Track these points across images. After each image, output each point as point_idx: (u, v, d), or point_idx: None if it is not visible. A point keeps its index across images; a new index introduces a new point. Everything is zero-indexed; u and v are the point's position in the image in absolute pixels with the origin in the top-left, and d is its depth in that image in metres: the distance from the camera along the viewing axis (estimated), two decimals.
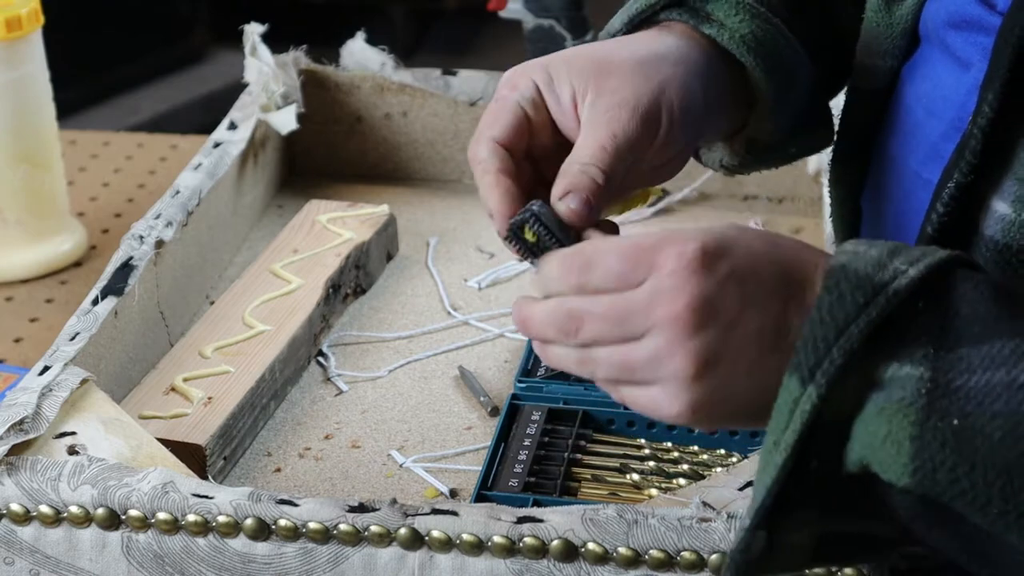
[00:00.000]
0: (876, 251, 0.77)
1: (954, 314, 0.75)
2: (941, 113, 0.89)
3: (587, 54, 0.92)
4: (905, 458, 0.74)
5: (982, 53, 0.86)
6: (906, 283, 0.75)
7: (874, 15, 0.96)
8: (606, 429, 1.12)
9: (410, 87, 1.52)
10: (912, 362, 0.74)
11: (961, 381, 0.74)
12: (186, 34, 3.61)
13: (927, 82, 0.92)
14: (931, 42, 0.92)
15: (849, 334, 0.74)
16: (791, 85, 0.98)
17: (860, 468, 0.76)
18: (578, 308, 0.80)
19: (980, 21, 0.87)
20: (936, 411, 0.73)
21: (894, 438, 0.74)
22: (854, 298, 0.75)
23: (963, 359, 0.74)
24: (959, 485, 0.73)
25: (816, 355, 0.75)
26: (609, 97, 0.89)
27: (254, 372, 1.16)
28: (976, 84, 0.85)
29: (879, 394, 0.75)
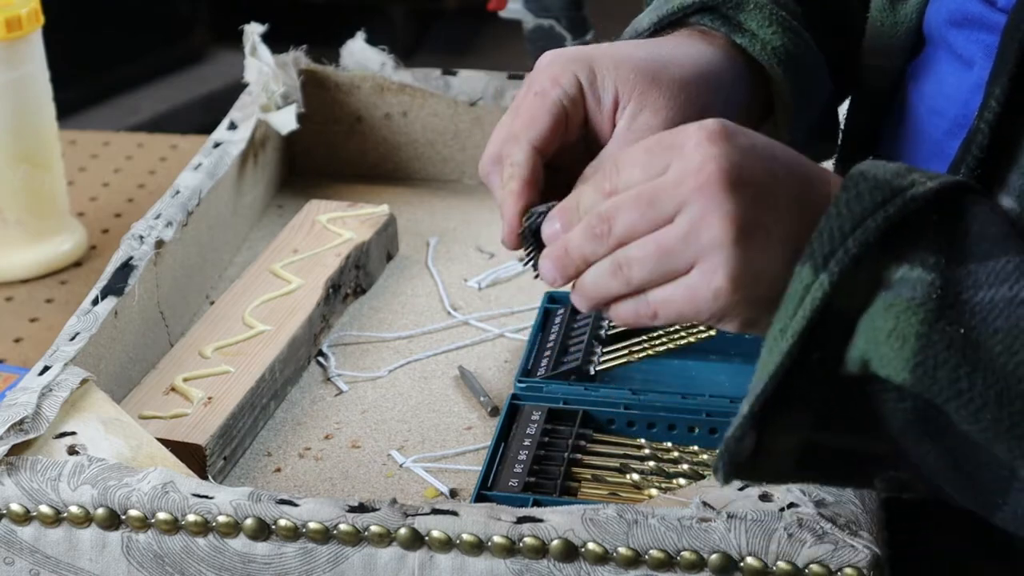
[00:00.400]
0: (895, 165, 0.78)
1: (965, 230, 0.76)
2: (944, 111, 0.89)
3: (634, 58, 0.91)
4: (908, 353, 0.75)
5: (985, 51, 0.86)
6: (923, 191, 0.76)
7: (879, 15, 0.96)
8: (606, 429, 1.12)
9: (410, 87, 1.52)
10: (923, 266, 0.75)
11: (967, 295, 0.75)
12: (186, 34, 3.61)
13: (930, 81, 0.92)
14: (934, 41, 0.92)
15: (865, 227, 0.75)
16: (813, 100, 0.98)
17: (860, 367, 0.76)
18: (609, 207, 0.81)
19: (982, 19, 0.87)
20: (943, 317, 0.75)
21: (899, 333, 0.75)
22: (872, 196, 0.76)
23: (971, 274, 0.75)
24: (957, 385, 0.75)
25: (831, 244, 0.76)
26: (651, 116, 0.90)
27: (254, 372, 1.16)
28: (979, 82, 0.85)
29: (888, 292, 0.76)
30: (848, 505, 0.90)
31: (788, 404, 0.77)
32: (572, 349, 1.20)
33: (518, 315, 1.31)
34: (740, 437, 0.78)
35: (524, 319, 1.30)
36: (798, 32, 0.96)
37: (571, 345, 1.20)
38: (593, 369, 1.18)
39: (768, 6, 0.96)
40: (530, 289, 1.35)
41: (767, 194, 0.79)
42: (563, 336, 1.21)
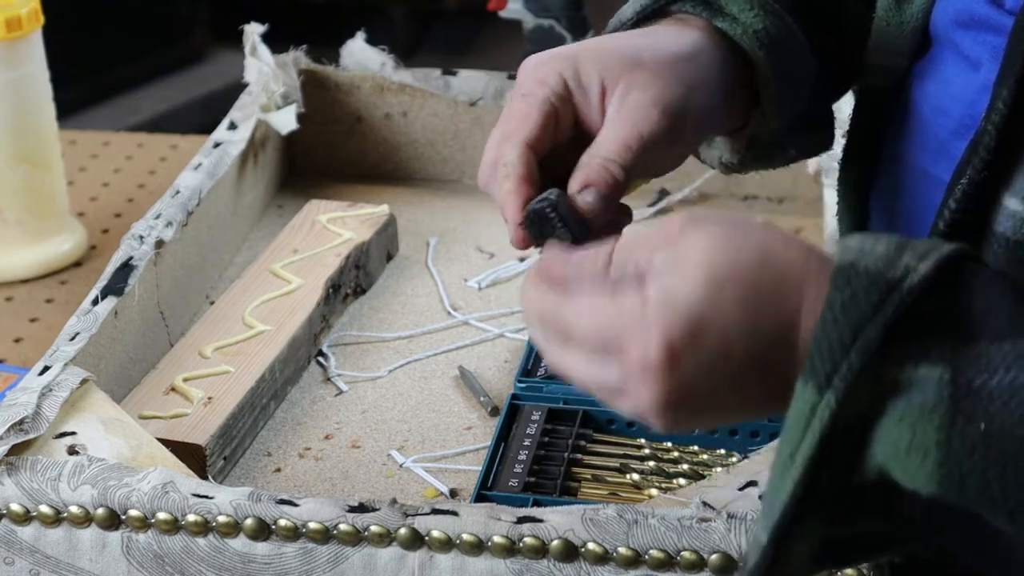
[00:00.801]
0: (883, 247, 0.74)
1: (968, 309, 0.73)
2: (950, 111, 0.89)
3: (615, 48, 0.90)
4: (931, 466, 0.71)
5: (991, 52, 0.86)
6: (918, 280, 0.72)
7: (885, 14, 0.96)
8: (606, 429, 1.12)
9: (410, 87, 1.52)
10: (930, 361, 0.71)
11: (982, 381, 0.71)
12: (186, 34, 3.61)
13: (936, 82, 0.92)
14: (940, 42, 0.92)
15: (866, 335, 0.71)
16: (797, 85, 0.97)
17: (879, 475, 0.73)
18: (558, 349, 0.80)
19: (989, 20, 0.87)
20: (961, 413, 0.71)
21: (919, 446, 0.71)
22: (868, 297, 0.72)
23: (983, 356, 0.71)
24: (988, 492, 0.71)
25: (832, 359, 0.72)
26: (640, 93, 0.88)
27: (254, 372, 1.16)
28: (985, 83, 0.85)
29: (898, 398, 0.72)
30: None
31: (802, 520, 0.74)
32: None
33: (518, 315, 1.31)
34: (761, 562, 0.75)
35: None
36: (780, 16, 0.95)
37: None
38: None
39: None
40: None
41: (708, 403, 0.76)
42: None
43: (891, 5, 0.95)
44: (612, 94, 0.89)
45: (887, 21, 0.96)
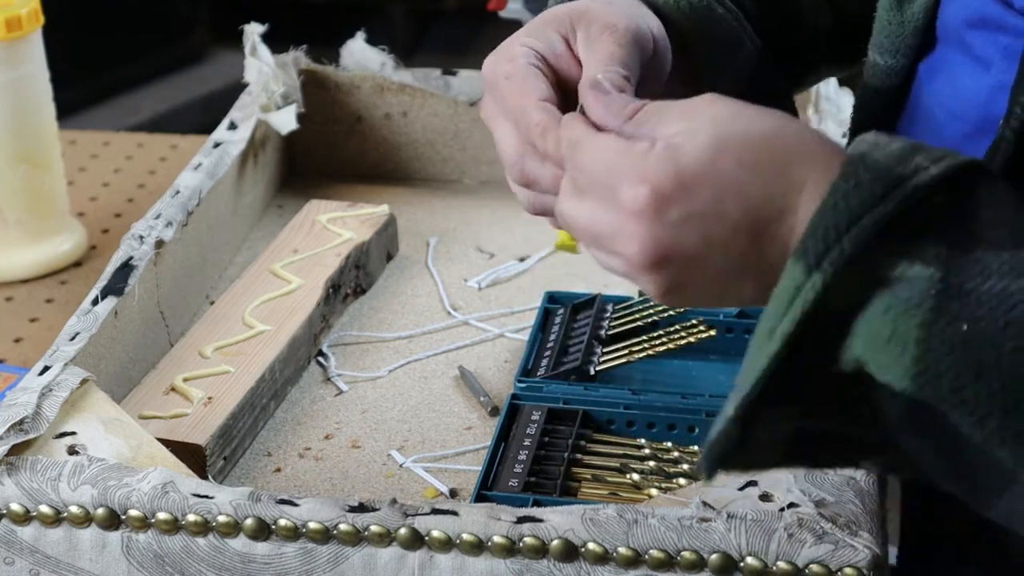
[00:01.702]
0: (898, 145, 0.74)
1: (973, 216, 0.72)
2: (963, 114, 0.89)
3: (559, 10, 0.91)
4: (908, 361, 0.71)
5: (1002, 52, 0.86)
6: (927, 179, 0.72)
7: (885, 13, 0.96)
8: (606, 429, 1.12)
9: (410, 87, 1.52)
10: (924, 260, 0.72)
11: (973, 284, 0.71)
12: (186, 34, 3.62)
13: (947, 83, 0.91)
14: (949, 42, 0.92)
15: (862, 224, 0.72)
16: (730, 55, 0.98)
17: (855, 367, 0.73)
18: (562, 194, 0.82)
19: (999, 21, 0.87)
20: (945, 313, 0.71)
21: (899, 339, 0.71)
22: (872, 189, 0.72)
23: (979, 262, 0.71)
24: (961, 394, 0.71)
25: (826, 242, 0.72)
26: (598, 23, 0.89)
27: (254, 372, 1.16)
28: (997, 84, 0.85)
29: (886, 292, 0.72)
30: (848, 505, 0.91)
31: (775, 402, 0.74)
32: (572, 349, 1.20)
33: (518, 315, 1.31)
34: (724, 438, 0.75)
35: (524, 319, 1.30)
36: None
37: (571, 345, 1.20)
38: (593, 369, 1.18)
39: None
40: (530, 289, 1.35)
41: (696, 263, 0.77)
42: (563, 336, 1.21)
43: (892, 5, 0.95)
44: (575, 38, 0.89)
45: (888, 20, 0.96)
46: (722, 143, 0.76)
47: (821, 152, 0.76)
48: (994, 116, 0.84)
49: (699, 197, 0.76)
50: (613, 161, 0.78)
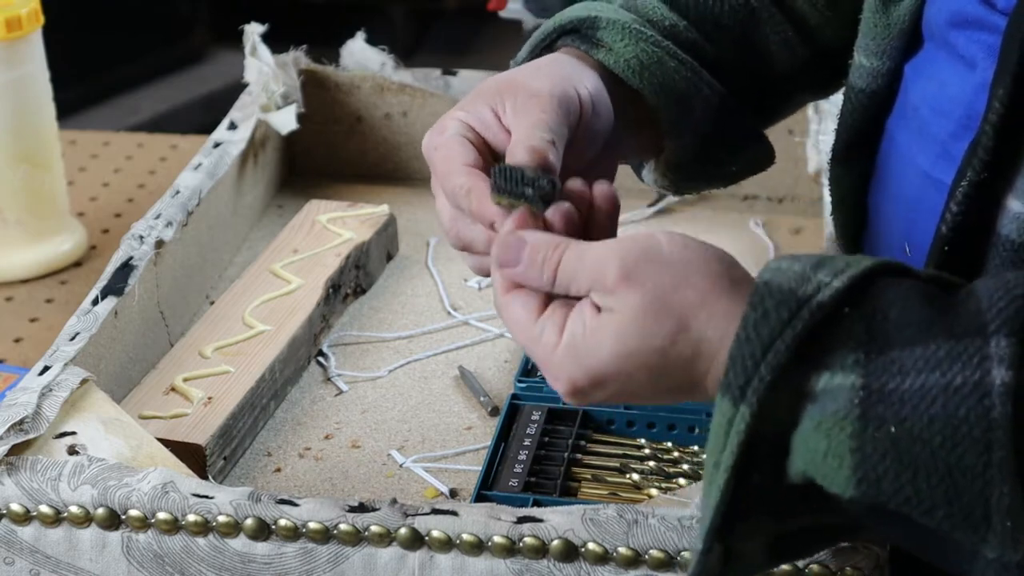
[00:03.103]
0: (800, 265, 0.77)
1: (882, 318, 0.75)
2: (949, 112, 0.89)
3: (491, 82, 0.94)
4: (847, 471, 0.74)
5: (986, 51, 0.86)
6: (830, 295, 0.75)
7: (871, 16, 0.96)
8: (606, 429, 1.12)
9: (410, 87, 1.52)
10: (843, 370, 0.74)
11: (894, 384, 0.74)
12: (186, 34, 3.61)
13: (933, 82, 0.92)
14: (935, 42, 0.92)
15: (776, 350, 0.75)
16: (687, 106, 1.00)
17: (804, 480, 0.76)
18: None
19: (982, 20, 0.87)
20: (872, 419, 0.74)
21: (834, 452, 0.74)
22: (779, 314, 0.75)
23: (895, 362, 0.74)
24: (903, 493, 0.73)
25: (745, 374, 0.75)
26: (524, 92, 0.91)
27: (254, 372, 1.16)
28: (982, 83, 0.85)
29: (814, 407, 0.75)
30: None
31: (741, 520, 0.77)
32: None
33: None
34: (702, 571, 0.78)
35: None
36: (654, 42, 0.99)
37: None
38: None
39: (625, 23, 0.98)
40: None
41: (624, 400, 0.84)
42: None
43: (877, 7, 0.96)
44: (504, 110, 0.92)
45: (874, 23, 0.96)
46: (628, 352, 0.80)
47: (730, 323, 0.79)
48: (979, 114, 0.84)
49: (612, 388, 0.81)
50: (527, 344, 0.83)
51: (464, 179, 0.89)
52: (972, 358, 0.73)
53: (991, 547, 0.73)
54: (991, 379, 0.72)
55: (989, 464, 0.72)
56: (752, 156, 1.07)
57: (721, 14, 1.04)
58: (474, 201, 0.88)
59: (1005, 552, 0.73)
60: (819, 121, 1.43)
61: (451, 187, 0.89)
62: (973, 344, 0.73)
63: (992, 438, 0.72)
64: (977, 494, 0.72)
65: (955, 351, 0.73)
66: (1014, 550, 0.73)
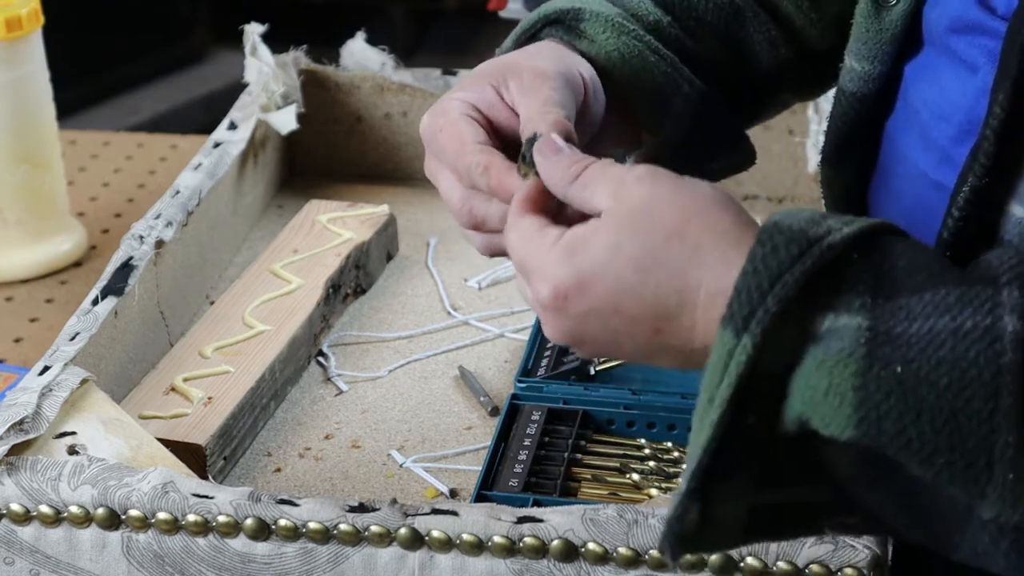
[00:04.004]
0: (809, 212, 0.77)
1: (891, 265, 0.75)
2: (950, 117, 0.89)
3: (491, 64, 0.94)
4: (848, 409, 0.73)
5: (987, 56, 0.86)
6: (840, 237, 0.75)
7: (863, 20, 0.97)
8: (606, 429, 1.12)
9: (410, 87, 1.52)
10: (849, 311, 0.73)
11: (901, 328, 0.73)
12: (186, 34, 3.61)
13: (934, 87, 0.92)
14: (935, 46, 0.92)
15: (784, 282, 0.74)
16: (666, 102, 1.01)
17: (799, 425, 0.74)
18: None
19: (982, 25, 0.87)
20: (878, 359, 0.72)
21: (836, 390, 0.73)
22: (788, 250, 0.74)
23: (903, 307, 0.73)
24: (905, 434, 0.72)
25: (750, 304, 0.74)
26: (529, 72, 0.92)
27: (254, 372, 1.16)
28: (984, 87, 0.85)
29: (817, 347, 0.74)
30: None
31: (727, 472, 0.75)
32: (572, 349, 1.19)
33: (518, 315, 1.31)
34: (682, 514, 0.76)
35: (524, 319, 1.30)
36: (636, 36, 0.99)
37: None
38: (593, 369, 1.18)
39: (608, 16, 0.99)
40: None
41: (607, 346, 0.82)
42: None
43: (870, 12, 0.96)
44: (507, 89, 0.92)
45: (866, 28, 0.96)
46: (621, 245, 0.79)
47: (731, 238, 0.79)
48: (980, 119, 0.84)
49: (595, 295, 0.80)
50: (526, 250, 0.83)
51: (479, 156, 0.89)
52: (984, 304, 0.72)
53: (989, 504, 0.72)
54: (1003, 325, 0.72)
55: (996, 410, 0.71)
56: (733, 155, 1.07)
57: (706, 11, 1.05)
58: (493, 177, 0.88)
59: (1003, 511, 0.72)
60: (819, 121, 1.43)
61: (465, 165, 0.89)
62: (985, 292, 0.73)
63: (1000, 383, 0.71)
64: (981, 440, 0.71)
65: (966, 296, 0.72)
66: (1012, 508, 0.72)
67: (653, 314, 0.79)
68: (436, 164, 0.92)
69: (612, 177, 0.81)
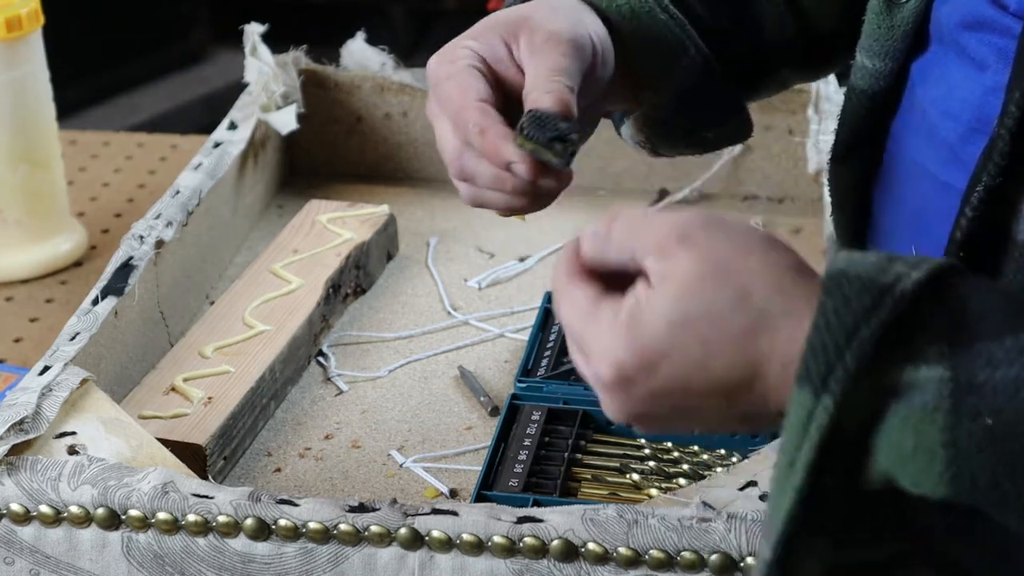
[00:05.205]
0: (873, 257, 0.73)
1: (964, 310, 0.71)
2: (958, 115, 0.89)
3: (501, 16, 0.94)
4: (940, 467, 0.69)
5: (997, 54, 0.86)
6: (911, 284, 0.71)
7: (875, 17, 0.96)
8: (606, 429, 1.12)
9: (410, 87, 1.52)
10: (928, 363, 0.70)
11: (985, 376, 0.69)
12: (186, 34, 3.61)
13: (941, 84, 0.91)
14: (944, 43, 0.92)
15: (860, 337, 0.70)
16: (671, 62, 1.00)
17: (884, 484, 0.72)
18: None
19: (994, 22, 0.87)
20: (965, 412, 0.69)
21: (925, 447, 0.70)
22: (860, 300, 0.71)
23: (982, 354, 0.70)
24: (999, 490, 0.69)
25: (828, 362, 0.70)
26: (541, 32, 0.91)
27: (254, 372, 1.16)
28: (992, 85, 0.85)
29: (899, 402, 0.70)
30: None
31: (811, 537, 0.72)
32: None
33: (518, 315, 1.31)
34: None
35: (524, 319, 1.30)
36: None
37: None
38: None
39: None
40: (530, 289, 1.35)
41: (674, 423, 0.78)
42: (563, 336, 1.21)
43: (882, 8, 0.96)
44: (517, 45, 0.92)
45: (877, 24, 0.96)
46: (684, 319, 0.74)
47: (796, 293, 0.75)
48: (988, 117, 0.83)
49: (662, 375, 0.75)
50: (583, 329, 0.77)
51: (478, 116, 0.89)
52: None
53: None
54: None
55: None
56: (730, 126, 1.06)
57: None
58: (487, 141, 0.88)
59: None
60: (819, 121, 1.43)
61: (463, 121, 0.89)
62: None
63: None
64: None
65: None
66: None
67: (723, 389, 0.75)
68: (437, 109, 0.92)
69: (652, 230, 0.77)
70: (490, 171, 0.89)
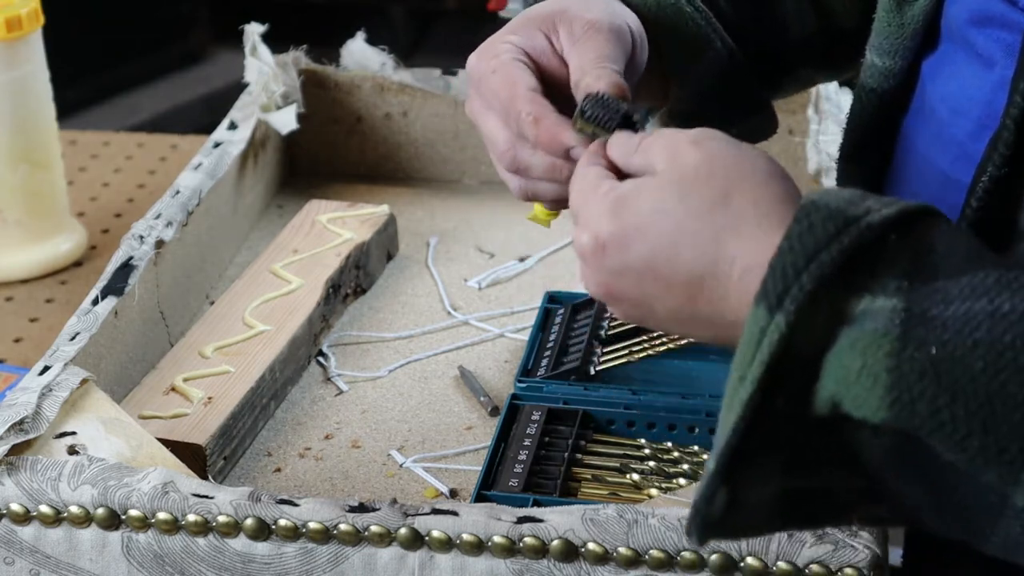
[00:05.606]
0: (848, 192, 0.76)
1: (929, 249, 0.73)
2: (967, 112, 0.89)
3: (540, 10, 0.94)
4: (881, 390, 0.71)
5: (1005, 50, 0.86)
6: (879, 218, 0.73)
7: (885, 15, 0.96)
8: (606, 429, 1.12)
9: (410, 87, 1.52)
10: (885, 293, 0.72)
11: (938, 311, 0.71)
12: (186, 34, 3.61)
13: (951, 82, 0.91)
14: (953, 41, 0.92)
15: (820, 261, 0.72)
16: (696, 55, 1.00)
17: (831, 408, 0.73)
18: None
19: (1003, 17, 0.87)
20: (913, 340, 0.71)
21: (869, 370, 0.72)
22: (825, 228, 0.73)
23: (939, 291, 0.72)
24: (939, 417, 0.71)
25: (784, 281, 0.73)
26: (580, 22, 0.92)
27: (254, 372, 1.16)
28: (1001, 81, 0.85)
29: (851, 328, 0.72)
30: None
31: (756, 453, 0.74)
32: (572, 349, 1.20)
33: (518, 315, 1.31)
34: (710, 496, 0.74)
35: (524, 319, 1.30)
36: None
37: (571, 345, 1.20)
38: (593, 369, 1.18)
39: None
40: (530, 289, 1.35)
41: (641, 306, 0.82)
42: (563, 336, 1.21)
43: (892, 7, 0.96)
44: (557, 37, 0.92)
45: (887, 22, 0.96)
46: (666, 207, 0.79)
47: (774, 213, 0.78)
48: (997, 113, 0.84)
49: (632, 252, 0.80)
50: (582, 198, 0.83)
51: (530, 106, 0.89)
52: (1023, 287, 0.71)
53: (1022, 490, 0.71)
54: None
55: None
56: (754, 121, 1.06)
57: None
58: (543, 129, 0.89)
59: None
60: (819, 121, 1.43)
61: (516, 112, 0.89)
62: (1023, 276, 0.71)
63: None
64: (1016, 424, 0.70)
65: (1004, 279, 0.71)
66: None
67: (687, 280, 0.79)
68: (481, 105, 0.93)
69: (669, 138, 0.82)
70: (545, 161, 0.90)
